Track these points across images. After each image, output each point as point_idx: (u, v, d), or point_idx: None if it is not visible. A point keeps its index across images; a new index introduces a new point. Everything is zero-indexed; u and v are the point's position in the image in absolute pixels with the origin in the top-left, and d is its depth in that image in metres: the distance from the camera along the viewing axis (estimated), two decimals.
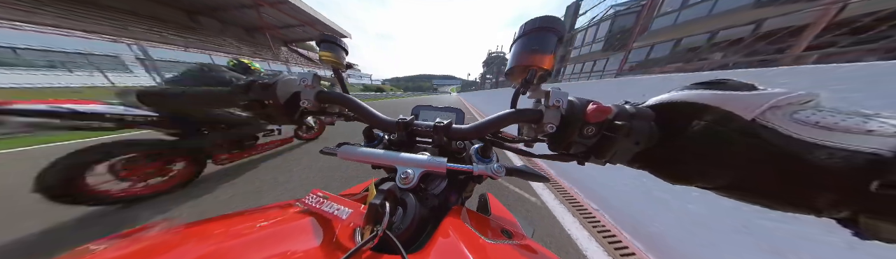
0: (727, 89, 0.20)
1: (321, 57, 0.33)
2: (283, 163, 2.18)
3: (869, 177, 0.14)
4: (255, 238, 0.21)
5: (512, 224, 0.44)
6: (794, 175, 0.16)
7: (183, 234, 0.22)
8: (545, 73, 0.26)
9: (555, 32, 0.25)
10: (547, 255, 0.26)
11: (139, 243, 0.20)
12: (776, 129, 0.17)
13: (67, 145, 2.79)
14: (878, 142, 0.14)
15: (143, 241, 0.21)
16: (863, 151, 0.14)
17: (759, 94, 0.18)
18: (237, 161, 1.98)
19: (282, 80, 0.32)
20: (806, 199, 0.17)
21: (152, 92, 0.32)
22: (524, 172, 0.33)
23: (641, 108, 0.24)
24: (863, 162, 0.14)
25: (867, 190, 0.14)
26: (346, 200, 0.24)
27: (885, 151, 0.14)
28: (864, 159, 0.14)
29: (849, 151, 0.14)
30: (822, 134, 0.15)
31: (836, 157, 0.15)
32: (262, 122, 1.91)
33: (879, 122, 0.14)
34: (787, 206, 0.18)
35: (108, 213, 1.31)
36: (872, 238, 0.16)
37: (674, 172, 0.23)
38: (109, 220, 1.26)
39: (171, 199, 1.44)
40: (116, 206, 1.34)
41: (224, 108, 0.35)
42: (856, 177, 0.14)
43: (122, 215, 1.30)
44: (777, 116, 0.17)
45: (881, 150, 0.14)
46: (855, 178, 0.14)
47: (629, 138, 0.23)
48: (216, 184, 1.69)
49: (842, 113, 0.16)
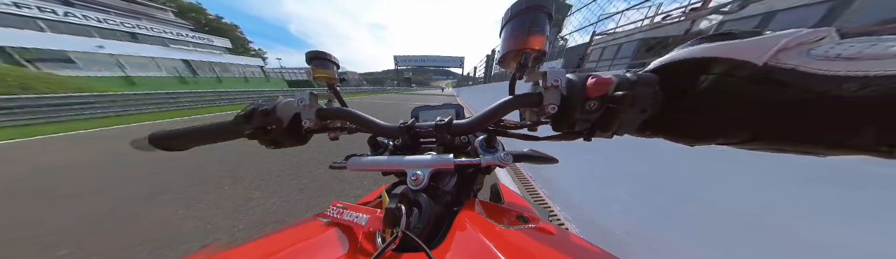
0: (732, 39, 0.19)
1: (315, 75, 0.33)
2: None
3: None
4: (286, 255, 0.21)
5: (526, 209, 0.44)
6: (828, 113, 0.15)
7: (237, 254, 0.23)
8: (539, 55, 0.26)
9: (544, 11, 0.24)
10: (563, 235, 0.27)
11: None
12: (795, 68, 0.16)
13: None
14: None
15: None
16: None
17: (764, 37, 0.17)
18: None
19: (280, 103, 0.32)
20: (847, 138, 0.15)
21: (162, 135, 0.33)
22: (531, 157, 0.32)
23: (643, 74, 0.23)
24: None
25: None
26: (363, 208, 0.25)
27: None
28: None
29: (883, 77, 0.13)
30: (848, 65, 0.14)
31: (872, 85, 0.14)
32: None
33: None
34: (824, 149, 0.17)
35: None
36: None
37: (690, 133, 0.22)
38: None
39: None
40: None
41: (230, 139, 0.36)
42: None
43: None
44: (792, 56, 0.16)
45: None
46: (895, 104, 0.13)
47: (634, 107, 0.22)
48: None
49: (863, 42, 0.15)
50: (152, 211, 1.60)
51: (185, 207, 1.60)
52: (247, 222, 1.41)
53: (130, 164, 2.47)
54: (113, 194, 1.86)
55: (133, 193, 1.86)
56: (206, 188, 1.88)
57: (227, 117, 0.32)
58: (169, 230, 1.37)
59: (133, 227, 1.44)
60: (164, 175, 2.19)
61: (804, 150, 0.18)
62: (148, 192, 1.86)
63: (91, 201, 1.77)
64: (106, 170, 2.42)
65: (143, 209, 1.63)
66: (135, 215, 1.56)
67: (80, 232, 1.40)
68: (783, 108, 0.16)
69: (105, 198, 1.81)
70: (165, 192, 1.85)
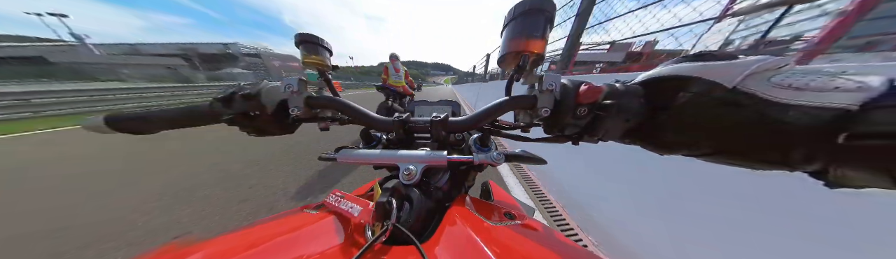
0: (711, 60, 0.21)
1: (305, 60, 0.31)
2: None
3: (836, 130, 0.15)
4: (274, 245, 0.22)
5: (514, 207, 0.46)
6: (772, 135, 0.17)
7: (218, 243, 0.23)
8: (537, 58, 0.26)
9: (544, 14, 0.24)
10: (545, 231, 0.28)
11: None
12: (755, 93, 0.18)
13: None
14: (842, 97, 0.15)
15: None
16: (829, 107, 0.15)
17: (738, 62, 0.19)
18: None
19: (265, 88, 0.30)
20: (782, 157, 0.18)
21: (122, 116, 0.30)
22: (522, 157, 0.33)
23: (630, 85, 0.25)
24: (829, 117, 0.15)
25: (835, 142, 0.15)
26: (360, 199, 0.25)
27: (848, 105, 0.15)
28: (830, 114, 0.15)
29: (817, 108, 0.16)
30: (795, 94, 0.17)
31: (808, 115, 0.16)
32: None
33: (843, 79, 0.16)
34: (765, 165, 0.19)
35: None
36: (839, 186, 0.18)
37: (661, 144, 0.24)
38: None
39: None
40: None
41: (207, 124, 0.32)
42: (824, 130, 0.15)
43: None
44: (756, 82, 0.18)
45: (844, 104, 0.15)
46: (824, 132, 0.15)
47: (620, 116, 0.24)
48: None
49: (811, 73, 0.17)
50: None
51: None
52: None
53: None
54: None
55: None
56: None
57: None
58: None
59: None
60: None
61: (752, 165, 0.20)
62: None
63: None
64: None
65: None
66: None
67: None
68: (740, 127, 0.19)
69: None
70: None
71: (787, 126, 0.16)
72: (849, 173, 0.16)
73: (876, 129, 0.14)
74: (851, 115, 0.15)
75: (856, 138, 0.15)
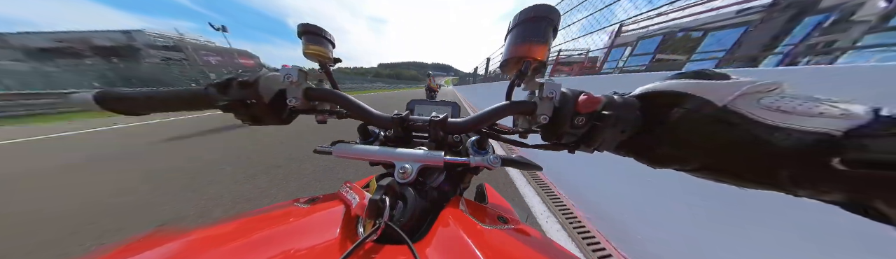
0: (705, 78, 0.21)
1: (306, 51, 0.31)
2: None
3: (821, 154, 0.16)
4: (262, 238, 0.22)
5: (507, 211, 0.46)
6: (758, 155, 0.18)
7: (201, 233, 0.23)
8: (539, 65, 0.26)
9: (549, 21, 0.24)
10: (537, 237, 0.28)
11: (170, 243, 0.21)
12: (744, 114, 0.19)
13: None
14: (824, 122, 0.16)
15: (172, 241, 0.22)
16: (812, 131, 0.16)
17: (731, 82, 0.20)
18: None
19: (264, 76, 0.30)
20: (768, 177, 0.19)
21: (113, 94, 0.29)
22: (519, 162, 0.33)
23: (628, 97, 0.25)
24: (811, 141, 0.16)
25: (820, 166, 0.16)
26: (361, 191, 0.26)
27: (830, 130, 0.16)
28: (813, 139, 0.16)
29: (801, 132, 0.16)
30: (781, 117, 0.17)
31: (791, 138, 0.17)
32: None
33: (828, 106, 0.17)
34: (752, 184, 0.20)
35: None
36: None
37: (654, 157, 0.25)
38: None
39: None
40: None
41: (200, 109, 0.32)
42: (807, 153, 0.16)
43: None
44: (745, 103, 0.19)
45: (825, 129, 0.16)
46: (806, 155, 0.16)
47: (616, 127, 0.24)
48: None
49: (799, 98, 0.18)
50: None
51: None
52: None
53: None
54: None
55: None
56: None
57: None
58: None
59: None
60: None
61: (736, 183, 0.21)
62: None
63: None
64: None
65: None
66: None
67: None
68: (731, 145, 0.19)
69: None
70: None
71: (774, 147, 0.17)
72: (837, 197, 0.17)
73: (867, 157, 0.14)
74: (835, 141, 0.15)
75: (848, 164, 0.15)
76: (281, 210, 0.28)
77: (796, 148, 0.16)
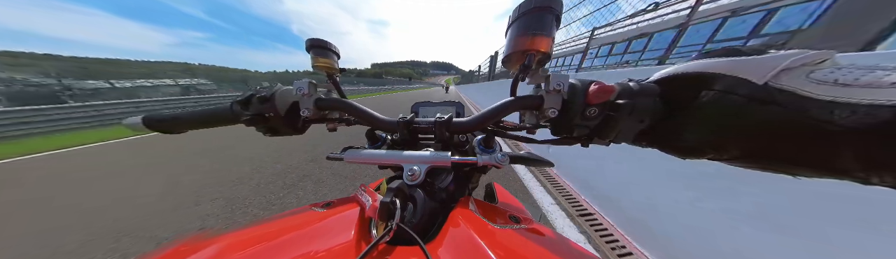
0: (738, 55, 0.19)
1: (315, 64, 0.32)
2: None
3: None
4: (282, 242, 0.22)
5: (519, 210, 0.45)
6: (817, 137, 0.16)
7: (230, 238, 0.24)
8: (544, 57, 0.25)
9: (551, 12, 0.23)
10: (553, 236, 0.27)
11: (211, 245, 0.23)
12: (793, 91, 0.16)
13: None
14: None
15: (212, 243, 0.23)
16: (887, 104, 0.13)
17: (769, 56, 0.17)
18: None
19: (279, 91, 0.32)
20: (832, 161, 0.16)
21: (158, 117, 0.35)
22: (528, 159, 0.33)
23: (645, 84, 0.23)
24: (889, 115, 0.13)
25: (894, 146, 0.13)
26: (375, 193, 0.26)
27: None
28: (890, 112, 0.13)
29: (869, 106, 0.14)
30: (842, 91, 0.15)
31: (859, 113, 0.14)
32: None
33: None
34: (809, 171, 0.17)
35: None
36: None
37: (683, 146, 0.23)
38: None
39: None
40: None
41: (227, 124, 0.36)
42: (883, 131, 0.13)
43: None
44: (792, 78, 0.16)
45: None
46: (882, 132, 0.13)
47: (633, 116, 0.23)
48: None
49: (861, 68, 0.15)
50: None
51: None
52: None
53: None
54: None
55: None
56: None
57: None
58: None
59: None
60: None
61: (788, 170, 0.18)
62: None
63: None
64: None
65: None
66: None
67: None
68: (775, 128, 0.17)
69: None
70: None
71: (832, 126, 0.15)
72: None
73: None
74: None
75: None
76: (299, 215, 0.29)
77: (867, 124, 0.14)
